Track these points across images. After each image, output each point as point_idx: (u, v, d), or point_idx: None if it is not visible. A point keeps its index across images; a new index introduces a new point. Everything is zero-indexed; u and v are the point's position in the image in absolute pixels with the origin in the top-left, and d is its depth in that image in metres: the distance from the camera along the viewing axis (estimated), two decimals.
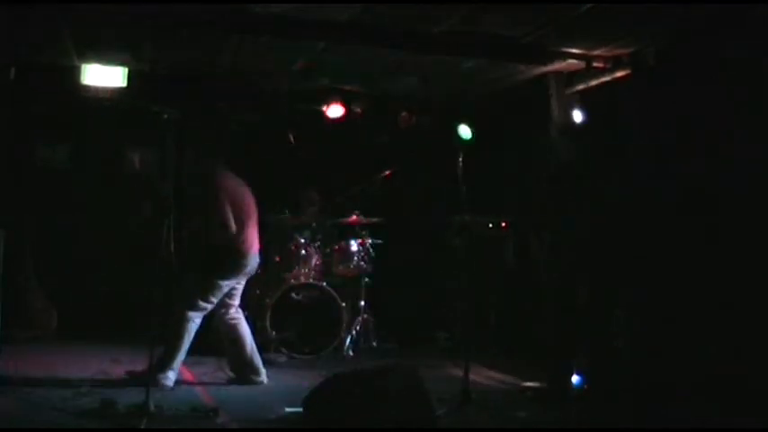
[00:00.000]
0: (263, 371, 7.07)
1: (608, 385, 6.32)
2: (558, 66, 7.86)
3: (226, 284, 6.86)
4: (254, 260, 7.04)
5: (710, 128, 6.38)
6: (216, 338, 7.20)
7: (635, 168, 6.94)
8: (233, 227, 6.79)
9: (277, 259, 8.76)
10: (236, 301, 7.11)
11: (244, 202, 7.03)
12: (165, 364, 6.58)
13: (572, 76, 7.97)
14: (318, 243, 8.86)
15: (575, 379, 6.47)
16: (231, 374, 7.13)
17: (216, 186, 6.88)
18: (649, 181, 6.77)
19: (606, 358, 6.42)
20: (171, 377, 6.66)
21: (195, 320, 6.76)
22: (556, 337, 6.42)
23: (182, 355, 6.73)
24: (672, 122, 6.71)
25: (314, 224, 9.00)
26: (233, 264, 6.88)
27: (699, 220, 6.39)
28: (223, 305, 6.99)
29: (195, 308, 6.75)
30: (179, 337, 6.67)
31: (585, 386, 6.46)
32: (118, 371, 7.00)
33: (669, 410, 5.88)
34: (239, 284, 7.07)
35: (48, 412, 5.66)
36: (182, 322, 6.69)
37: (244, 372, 7.03)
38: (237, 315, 7.10)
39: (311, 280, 8.60)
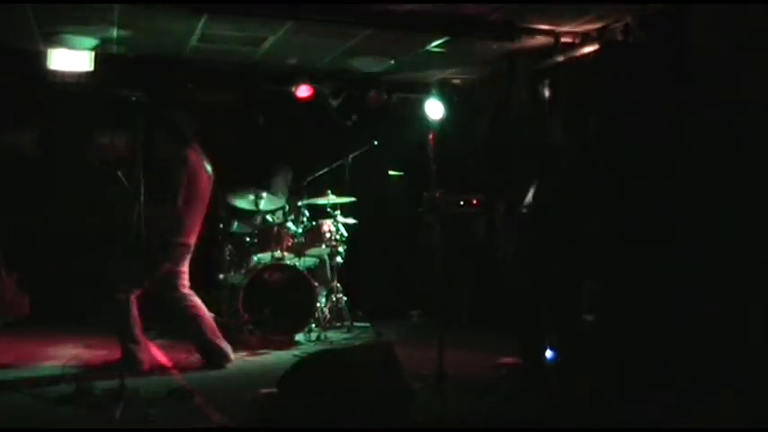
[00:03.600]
0: (228, 352, 7.05)
1: (579, 361, 6.32)
2: (526, 42, 7.88)
3: (158, 269, 6.76)
4: (186, 247, 6.91)
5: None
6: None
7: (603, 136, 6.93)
8: (180, 202, 6.70)
9: (249, 241, 8.72)
10: (185, 283, 7.00)
11: (199, 185, 6.89)
12: (127, 348, 6.59)
13: (541, 52, 8.00)
14: (290, 224, 8.83)
15: (548, 354, 6.49)
16: (199, 357, 7.10)
17: (181, 159, 6.77)
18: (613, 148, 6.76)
19: (577, 333, 6.42)
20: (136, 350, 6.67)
21: (130, 300, 6.68)
22: (525, 312, 6.42)
23: (136, 331, 6.71)
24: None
25: (285, 205, 8.96)
26: (164, 247, 6.74)
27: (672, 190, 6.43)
28: (172, 288, 6.90)
29: (127, 292, 6.66)
30: (124, 322, 6.63)
31: (559, 361, 6.48)
32: (92, 356, 6.99)
33: (641, 389, 5.91)
34: (179, 268, 6.94)
35: (23, 399, 5.64)
36: (121, 308, 6.60)
37: (208, 354, 7.02)
38: (190, 298, 6.99)
39: (283, 261, 8.59)
